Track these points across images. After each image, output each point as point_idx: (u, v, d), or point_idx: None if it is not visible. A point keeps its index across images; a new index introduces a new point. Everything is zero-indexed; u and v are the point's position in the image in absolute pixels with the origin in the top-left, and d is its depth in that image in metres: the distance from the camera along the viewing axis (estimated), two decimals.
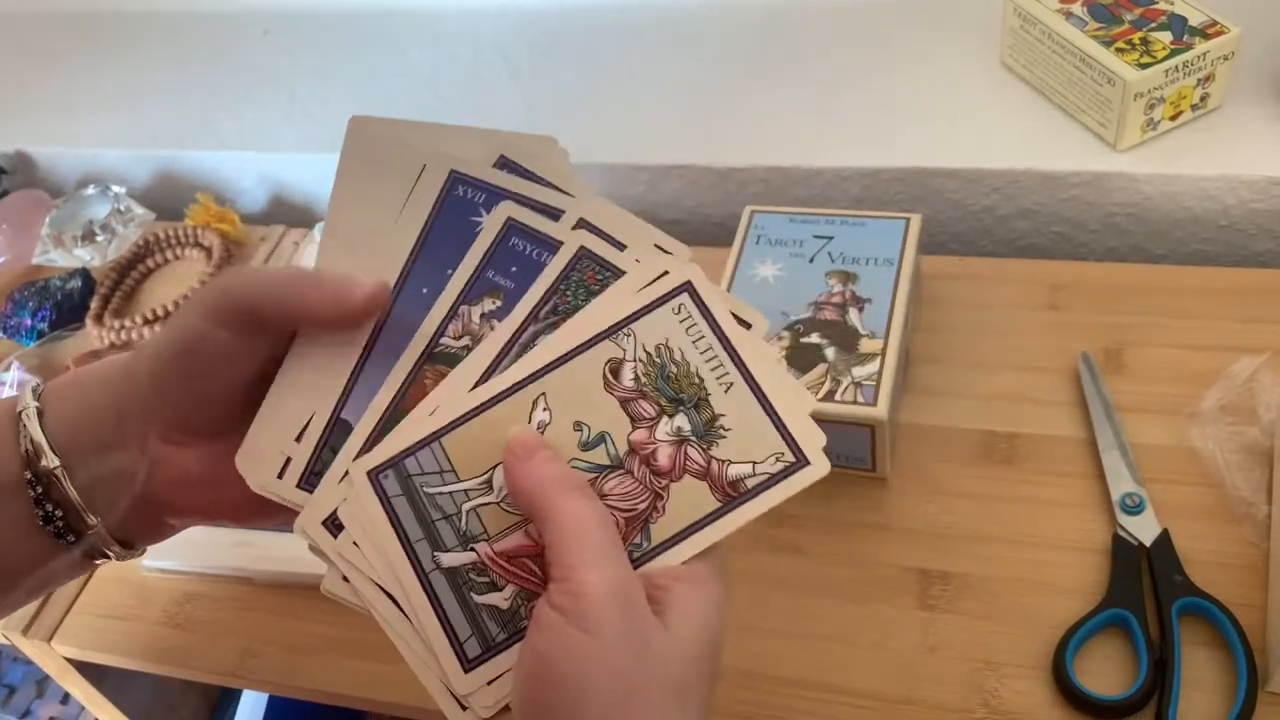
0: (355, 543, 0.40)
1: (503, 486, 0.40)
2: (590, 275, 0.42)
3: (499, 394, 0.41)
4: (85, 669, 0.76)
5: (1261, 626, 0.56)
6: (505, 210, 0.44)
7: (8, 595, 0.43)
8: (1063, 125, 0.81)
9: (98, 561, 0.43)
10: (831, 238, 0.73)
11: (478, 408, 0.40)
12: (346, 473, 0.41)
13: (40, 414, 0.42)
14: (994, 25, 0.86)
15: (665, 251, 0.43)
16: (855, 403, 0.63)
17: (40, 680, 1.06)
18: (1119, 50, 0.76)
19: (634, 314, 0.41)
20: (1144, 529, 0.60)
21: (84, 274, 0.94)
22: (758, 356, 0.41)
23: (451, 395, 0.41)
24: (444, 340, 0.42)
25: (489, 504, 0.40)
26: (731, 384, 0.41)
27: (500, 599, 0.39)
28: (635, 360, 0.41)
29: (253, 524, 0.45)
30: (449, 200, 0.44)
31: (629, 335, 0.41)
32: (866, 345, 0.66)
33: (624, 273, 0.42)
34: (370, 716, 0.99)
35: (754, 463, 0.40)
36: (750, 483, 0.40)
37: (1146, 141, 0.78)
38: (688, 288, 0.42)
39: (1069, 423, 0.68)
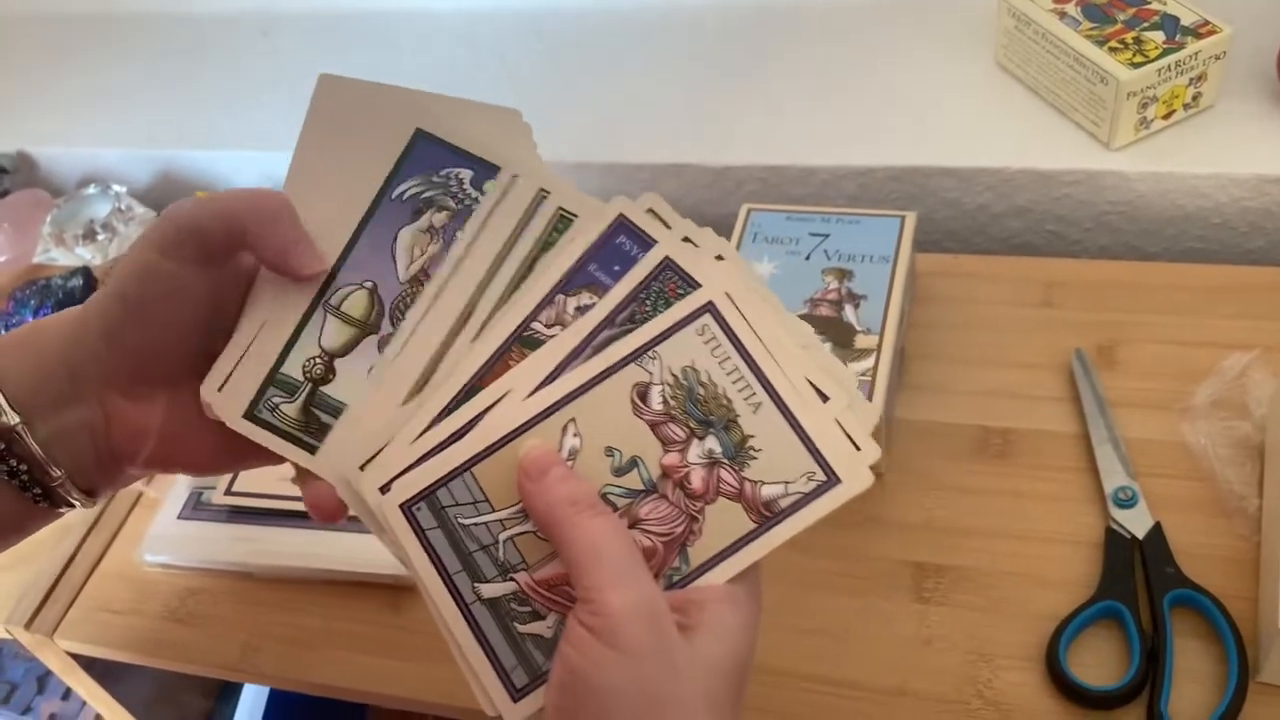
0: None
1: None
2: (671, 287, 0.41)
3: (528, 420, 0.40)
4: (87, 664, 0.77)
5: (1252, 618, 0.57)
6: (617, 206, 0.42)
7: None
8: (1056, 124, 0.82)
9: (61, 510, 0.44)
10: (828, 235, 0.74)
11: (508, 435, 0.40)
12: (384, 492, 0.40)
13: None
14: (988, 25, 0.86)
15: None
16: None
17: (41, 676, 1.06)
18: (1112, 50, 0.76)
19: (658, 336, 0.41)
20: (1136, 522, 0.61)
21: (85, 273, 0.94)
22: (785, 375, 0.40)
23: (518, 385, 0.40)
24: (535, 325, 0.41)
25: (526, 532, 0.40)
26: (760, 404, 0.40)
27: (544, 628, 0.40)
28: (662, 383, 0.40)
29: (213, 473, 0.46)
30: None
31: (654, 358, 0.40)
32: (862, 341, 0.67)
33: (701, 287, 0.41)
34: (371, 710, 1.00)
35: (786, 483, 0.40)
36: (784, 503, 0.40)
37: (1139, 140, 0.79)
38: (710, 308, 0.41)
39: (1062, 418, 0.68)
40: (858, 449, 0.40)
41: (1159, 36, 0.77)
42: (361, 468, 0.41)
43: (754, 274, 0.42)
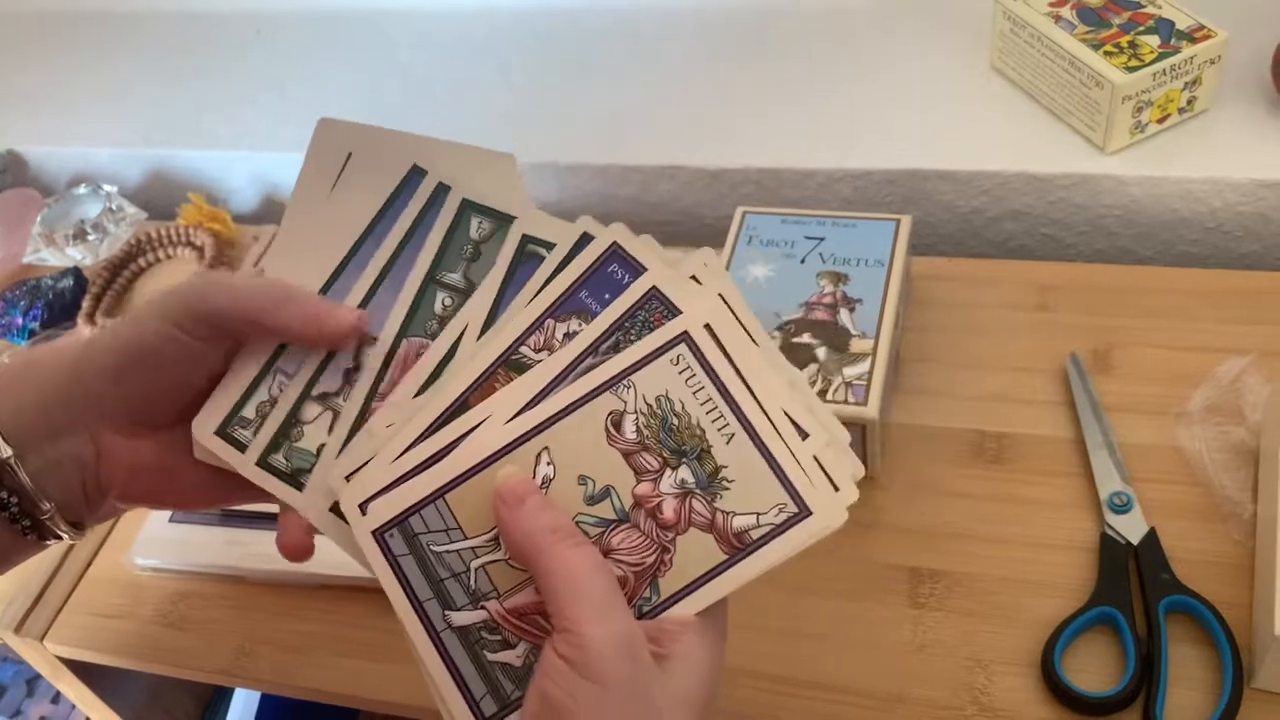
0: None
1: None
2: (657, 317, 0.41)
3: (502, 448, 0.40)
4: (77, 668, 0.76)
5: (1247, 624, 0.57)
6: (612, 233, 0.43)
7: None
8: (1052, 128, 0.82)
9: (49, 542, 0.44)
10: (823, 239, 0.74)
11: (481, 462, 0.40)
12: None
13: None
14: (984, 28, 0.86)
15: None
16: (846, 402, 0.64)
17: (31, 679, 1.05)
18: (1107, 54, 0.76)
19: (633, 365, 0.40)
20: (1132, 528, 0.61)
21: (76, 273, 0.94)
22: (760, 406, 0.40)
23: (499, 410, 0.41)
24: (523, 349, 0.42)
25: (497, 560, 0.40)
26: (732, 435, 0.40)
27: (513, 656, 0.40)
28: (636, 412, 0.40)
29: (196, 509, 0.47)
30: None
31: (629, 387, 0.40)
32: (857, 345, 0.67)
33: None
34: (363, 715, 0.99)
35: (758, 514, 0.39)
36: (755, 534, 0.39)
37: (1134, 144, 0.79)
38: (685, 338, 0.41)
39: (1058, 422, 0.68)
40: (836, 488, 0.39)
41: (1154, 40, 0.77)
42: (347, 478, 0.41)
43: (746, 309, 0.42)
